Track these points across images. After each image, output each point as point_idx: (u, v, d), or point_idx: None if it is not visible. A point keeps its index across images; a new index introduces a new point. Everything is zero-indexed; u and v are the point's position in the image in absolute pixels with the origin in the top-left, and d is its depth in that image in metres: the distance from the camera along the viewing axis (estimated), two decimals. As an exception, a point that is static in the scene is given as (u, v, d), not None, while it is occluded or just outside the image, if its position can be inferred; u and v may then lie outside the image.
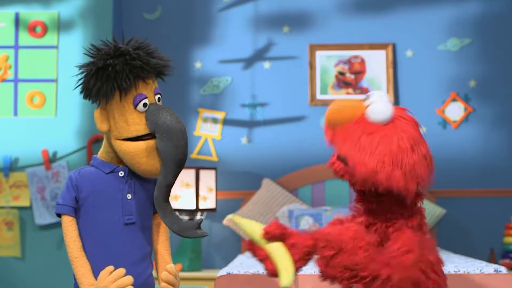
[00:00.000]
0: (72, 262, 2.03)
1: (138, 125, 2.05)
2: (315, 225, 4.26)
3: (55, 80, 4.45)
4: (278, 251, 1.97)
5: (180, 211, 4.38)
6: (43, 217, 4.35)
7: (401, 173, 1.84)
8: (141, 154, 2.04)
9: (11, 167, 4.40)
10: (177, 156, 2.02)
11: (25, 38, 4.46)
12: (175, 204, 4.34)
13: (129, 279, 1.97)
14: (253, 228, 2.06)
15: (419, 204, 2.00)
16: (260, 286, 2.93)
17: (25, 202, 4.39)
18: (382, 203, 1.94)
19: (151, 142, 2.04)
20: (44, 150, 4.37)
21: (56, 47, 4.47)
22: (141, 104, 2.05)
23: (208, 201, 4.43)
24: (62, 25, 4.49)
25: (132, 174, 2.12)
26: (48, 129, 4.43)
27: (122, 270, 1.98)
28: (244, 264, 3.35)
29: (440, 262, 1.96)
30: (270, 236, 1.98)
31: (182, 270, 4.26)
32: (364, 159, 1.83)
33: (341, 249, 1.85)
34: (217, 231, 4.70)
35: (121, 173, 2.11)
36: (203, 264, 4.63)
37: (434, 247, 1.96)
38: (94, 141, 4.39)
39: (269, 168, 4.74)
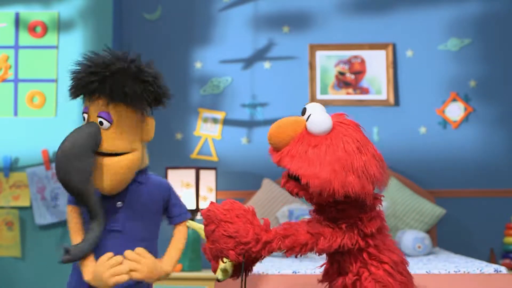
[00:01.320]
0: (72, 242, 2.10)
1: None
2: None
3: (55, 80, 4.45)
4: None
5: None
6: (43, 217, 4.35)
7: (354, 177, 1.84)
8: (99, 171, 2.11)
9: (11, 167, 4.40)
10: (59, 177, 2.06)
11: (25, 38, 4.46)
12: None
13: (125, 267, 1.98)
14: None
15: (377, 208, 2.00)
16: (260, 286, 2.94)
17: (25, 202, 4.40)
18: (341, 211, 1.94)
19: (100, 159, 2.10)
20: (44, 150, 4.37)
21: (56, 47, 4.47)
22: (84, 115, 2.12)
23: (208, 201, 4.43)
24: (62, 25, 4.50)
25: (136, 186, 2.17)
26: (48, 129, 4.43)
27: (119, 258, 1.99)
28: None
29: (404, 262, 1.98)
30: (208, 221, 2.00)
31: (182, 270, 4.26)
32: (315, 171, 1.83)
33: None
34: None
35: (119, 204, 2.16)
36: (203, 264, 4.62)
37: (396, 247, 1.97)
38: (94, 141, 4.40)
39: (269, 168, 4.74)
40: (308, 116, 1.91)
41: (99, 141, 2.04)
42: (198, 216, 4.49)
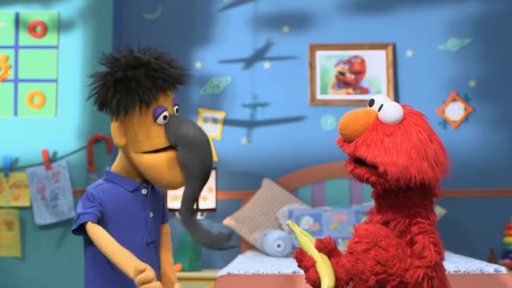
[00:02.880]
0: (109, 254, 1.85)
1: (159, 138, 1.97)
2: (315, 225, 4.26)
3: (55, 80, 4.45)
4: (327, 263, 2.04)
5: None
6: (43, 217, 4.35)
7: (427, 164, 1.94)
8: (164, 167, 1.97)
9: (11, 167, 4.40)
10: (204, 169, 1.96)
11: (25, 38, 4.46)
12: (175, 204, 4.34)
13: (157, 285, 1.80)
14: (306, 238, 2.09)
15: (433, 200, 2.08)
16: (260, 286, 2.93)
17: (25, 202, 4.39)
18: (408, 198, 1.99)
19: (171, 154, 1.97)
20: (44, 150, 4.37)
21: (56, 47, 4.47)
22: (161, 116, 1.97)
23: (208, 201, 4.43)
24: (62, 25, 4.50)
25: (151, 191, 2.06)
26: (48, 129, 4.43)
27: (151, 274, 1.79)
28: (244, 264, 3.35)
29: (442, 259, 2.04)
30: (323, 247, 2.04)
31: (182, 270, 4.26)
32: (393, 159, 1.89)
33: (375, 244, 1.90)
34: (217, 231, 4.69)
35: (144, 191, 2.04)
36: (203, 264, 4.62)
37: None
38: (94, 141, 4.40)
39: (269, 168, 4.74)
40: (380, 106, 1.96)
41: None
42: (199, 216, 4.49)
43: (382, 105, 1.97)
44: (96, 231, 1.90)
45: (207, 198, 4.42)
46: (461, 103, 4.73)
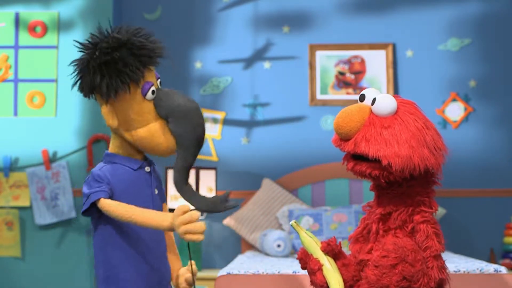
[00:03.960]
0: (135, 218, 1.89)
1: (149, 114, 2.00)
2: (315, 225, 4.26)
3: (55, 80, 4.45)
4: (333, 266, 2.03)
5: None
6: (43, 217, 4.35)
7: (428, 151, 1.97)
8: (158, 133, 2.00)
9: (11, 167, 4.40)
10: (197, 135, 1.99)
11: (25, 38, 4.46)
12: (175, 204, 4.34)
13: (201, 225, 1.86)
14: (310, 239, 2.08)
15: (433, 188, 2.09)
16: (260, 286, 2.93)
17: (25, 202, 4.39)
18: (411, 187, 2.00)
19: (162, 122, 2.01)
20: (44, 150, 4.37)
21: (56, 47, 4.47)
22: (150, 92, 2.01)
23: (208, 201, 4.42)
24: (62, 25, 4.50)
25: (153, 168, 2.11)
26: (48, 129, 4.43)
27: (196, 215, 1.87)
28: (244, 264, 3.35)
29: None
30: (330, 250, 2.03)
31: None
32: (395, 151, 1.89)
33: (402, 260, 1.89)
34: (217, 231, 4.70)
35: (147, 169, 2.08)
36: (203, 264, 4.62)
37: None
38: (94, 141, 4.40)
39: (269, 168, 4.74)
40: (373, 100, 1.96)
41: None
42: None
43: (375, 98, 1.96)
44: (112, 204, 1.93)
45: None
46: (461, 103, 4.73)
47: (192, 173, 4.34)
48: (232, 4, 4.86)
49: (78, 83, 2.03)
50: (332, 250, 2.03)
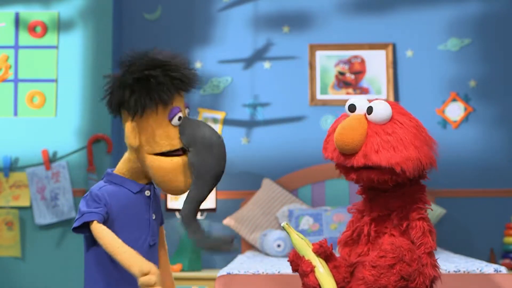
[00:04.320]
0: (115, 253, 1.85)
1: (173, 140, 1.96)
2: (315, 225, 4.26)
3: (55, 80, 4.45)
4: (326, 268, 2.03)
5: (180, 211, 4.38)
6: (43, 217, 4.35)
7: (428, 148, 1.98)
8: (178, 170, 1.96)
9: (11, 167, 4.40)
10: (219, 170, 1.95)
11: (25, 38, 4.46)
12: (175, 204, 4.34)
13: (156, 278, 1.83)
14: (302, 241, 2.07)
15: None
16: (260, 286, 2.93)
17: (25, 202, 4.39)
18: (412, 186, 2.03)
19: (180, 159, 1.97)
20: (44, 150, 4.37)
21: (56, 47, 4.47)
22: (176, 117, 1.97)
23: (208, 201, 4.43)
24: (62, 25, 4.49)
25: (153, 193, 2.06)
26: (48, 129, 4.42)
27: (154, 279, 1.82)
28: (244, 264, 3.35)
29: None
30: (322, 251, 2.04)
31: (182, 270, 4.26)
32: (405, 155, 1.91)
33: (400, 259, 1.90)
34: (217, 231, 4.70)
35: (148, 193, 2.04)
36: (203, 264, 4.62)
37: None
38: (94, 141, 4.40)
39: (269, 168, 4.74)
40: (369, 108, 1.96)
41: None
42: (199, 216, 4.49)
43: (370, 107, 1.96)
44: (102, 230, 1.90)
45: (207, 198, 4.42)
46: (461, 103, 4.73)
47: (192, 173, 4.33)
48: (232, 4, 4.86)
49: (107, 98, 2.00)
50: (324, 252, 2.03)
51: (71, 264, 4.35)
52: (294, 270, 2.07)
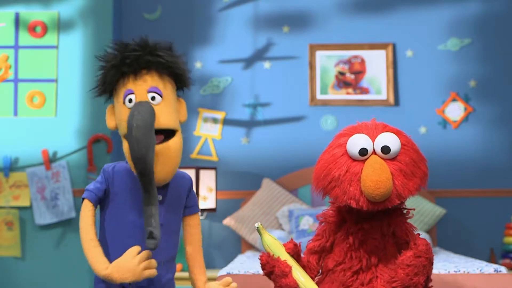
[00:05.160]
0: (85, 244, 1.92)
1: (124, 122, 1.99)
2: (315, 225, 4.26)
3: (55, 80, 4.45)
4: (300, 268, 2.04)
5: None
6: (43, 217, 4.35)
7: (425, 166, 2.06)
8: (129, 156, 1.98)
9: (11, 167, 4.40)
10: (134, 154, 1.90)
11: (25, 38, 4.46)
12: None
13: (154, 262, 1.92)
14: (276, 242, 2.08)
15: None
16: (260, 286, 2.93)
17: (25, 202, 4.39)
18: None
19: None
20: (44, 150, 4.37)
21: (56, 47, 4.47)
22: (126, 99, 1.99)
23: (208, 201, 4.43)
24: (62, 25, 4.49)
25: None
26: (48, 129, 4.42)
27: (148, 252, 1.92)
28: (244, 264, 3.35)
29: None
30: (296, 251, 2.07)
31: (182, 270, 4.26)
32: (421, 175, 2.00)
33: (430, 260, 1.99)
34: (217, 231, 4.70)
35: None
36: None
37: None
38: (94, 141, 4.40)
39: (269, 168, 4.74)
40: (384, 148, 1.97)
41: (154, 118, 1.96)
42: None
43: (386, 147, 1.97)
44: (86, 212, 1.98)
45: (207, 198, 4.42)
46: (461, 103, 4.73)
47: (192, 173, 4.34)
48: (232, 4, 4.86)
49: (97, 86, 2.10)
50: (297, 252, 2.06)
51: (71, 264, 4.35)
52: (268, 272, 2.06)
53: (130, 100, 1.99)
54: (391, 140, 1.97)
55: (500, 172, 4.70)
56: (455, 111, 4.74)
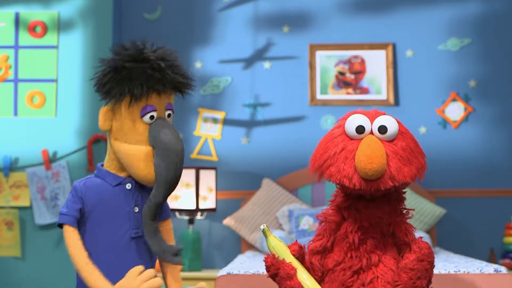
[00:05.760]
0: (81, 270, 1.94)
1: (141, 136, 1.99)
2: (315, 225, 4.26)
3: (55, 80, 4.45)
4: (305, 270, 2.04)
5: (180, 211, 4.38)
6: (43, 217, 4.35)
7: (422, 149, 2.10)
8: (140, 158, 1.98)
9: (11, 167, 4.40)
10: (168, 178, 1.95)
11: (25, 38, 4.46)
12: (175, 204, 4.34)
13: (159, 280, 1.92)
14: (282, 244, 2.07)
15: None
16: (260, 286, 2.93)
17: (25, 202, 4.39)
18: (398, 193, 2.07)
19: (150, 149, 1.99)
20: (44, 150, 4.37)
21: (56, 47, 4.47)
22: (148, 115, 1.99)
23: (208, 201, 4.43)
24: (62, 25, 4.49)
25: (138, 186, 2.06)
26: (48, 129, 4.42)
27: (152, 271, 1.93)
28: (244, 264, 3.35)
29: None
30: (302, 253, 2.07)
31: (182, 270, 4.26)
32: (418, 165, 1.99)
33: (432, 264, 1.99)
34: (217, 231, 4.70)
35: (129, 186, 2.04)
36: (203, 264, 4.62)
37: None
38: (94, 141, 4.39)
39: (269, 168, 4.74)
40: (381, 127, 1.97)
41: None
42: (198, 216, 4.50)
43: (383, 126, 1.97)
44: (72, 237, 1.99)
45: (207, 198, 4.42)
46: (461, 103, 4.73)
47: (192, 173, 4.34)
48: (232, 4, 4.86)
49: (95, 78, 2.06)
50: (303, 254, 2.06)
51: (71, 264, 4.33)
52: (273, 274, 2.06)
53: (152, 117, 2.00)
54: (389, 122, 1.98)
55: (500, 172, 4.70)
56: (455, 111, 4.74)
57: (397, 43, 4.81)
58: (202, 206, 4.39)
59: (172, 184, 1.97)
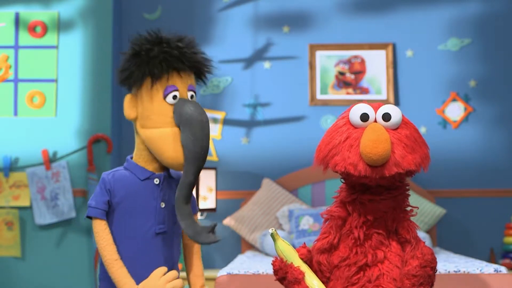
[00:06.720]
0: (110, 265, 1.94)
1: (165, 117, 1.98)
2: (315, 225, 4.26)
3: (55, 80, 4.45)
4: (313, 273, 2.03)
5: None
6: (43, 217, 4.35)
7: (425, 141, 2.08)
8: (168, 140, 1.97)
9: (11, 167, 4.40)
10: (195, 149, 1.94)
11: (25, 38, 4.46)
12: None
13: (181, 281, 1.95)
14: (290, 247, 2.07)
15: None
16: (260, 286, 2.93)
17: (25, 202, 4.39)
18: (402, 187, 2.06)
19: (177, 130, 1.98)
20: (44, 150, 4.37)
21: (56, 47, 4.47)
22: (170, 95, 1.99)
23: (208, 201, 4.43)
24: (62, 25, 4.49)
25: (166, 181, 2.05)
26: (48, 129, 4.42)
27: (175, 272, 1.95)
28: (244, 264, 3.35)
29: None
30: (310, 257, 2.06)
31: (182, 270, 4.26)
32: (422, 154, 1.98)
33: (434, 270, 2.00)
34: (217, 231, 4.69)
35: (157, 181, 2.04)
36: (203, 264, 4.62)
37: None
38: (94, 141, 4.39)
39: (269, 168, 4.74)
40: (385, 115, 1.97)
41: None
42: (199, 216, 4.49)
43: (387, 114, 1.97)
44: (104, 231, 1.97)
45: (207, 198, 4.42)
46: (461, 103, 4.73)
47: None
48: (232, 4, 4.86)
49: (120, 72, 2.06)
50: (311, 258, 2.05)
51: (71, 264, 4.35)
52: (280, 278, 2.05)
53: (175, 97, 1.99)
54: (393, 110, 1.98)
55: (500, 172, 4.70)
56: (455, 111, 4.74)
57: (397, 43, 4.81)
58: (202, 206, 4.39)
59: (200, 158, 1.95)
